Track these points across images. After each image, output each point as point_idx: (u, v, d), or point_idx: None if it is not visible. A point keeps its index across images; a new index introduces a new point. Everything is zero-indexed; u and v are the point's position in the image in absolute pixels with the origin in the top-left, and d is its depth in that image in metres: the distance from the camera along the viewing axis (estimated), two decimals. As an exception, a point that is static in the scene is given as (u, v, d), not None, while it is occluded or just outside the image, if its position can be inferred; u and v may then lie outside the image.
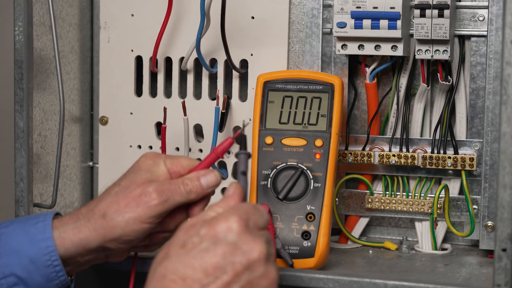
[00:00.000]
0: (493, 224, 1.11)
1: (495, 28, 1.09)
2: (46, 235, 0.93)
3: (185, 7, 1.19)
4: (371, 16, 1.09)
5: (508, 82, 0.88)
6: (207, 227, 0.82)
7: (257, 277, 0.81)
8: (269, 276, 0.82)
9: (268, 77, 1.12)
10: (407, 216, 1.17)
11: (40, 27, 1.15)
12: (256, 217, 0.84)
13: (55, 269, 0.93)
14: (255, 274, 0.81)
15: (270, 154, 1.08)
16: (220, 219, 0.82)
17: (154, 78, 1.23)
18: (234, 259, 0.80)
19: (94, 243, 0.93)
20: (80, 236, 0.93)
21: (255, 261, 0.81)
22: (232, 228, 0.81)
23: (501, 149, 0.89)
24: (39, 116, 1.16)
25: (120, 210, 0.92)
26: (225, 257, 0.80)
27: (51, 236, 0.93)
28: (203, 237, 0.81)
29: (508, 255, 0.89)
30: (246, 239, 0.81)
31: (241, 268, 0.80)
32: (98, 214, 0.93)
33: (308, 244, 1.04)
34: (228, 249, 0.80)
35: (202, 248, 0.80)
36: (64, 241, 0.93)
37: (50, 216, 0.95)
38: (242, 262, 0.80)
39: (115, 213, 0.92)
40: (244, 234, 0.81)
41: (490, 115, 1.11)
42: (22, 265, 0.92)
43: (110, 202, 0.93)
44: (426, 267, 1.09)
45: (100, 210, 0.93)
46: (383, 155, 1.15)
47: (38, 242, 0.93)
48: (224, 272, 0.80)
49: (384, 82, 1.20)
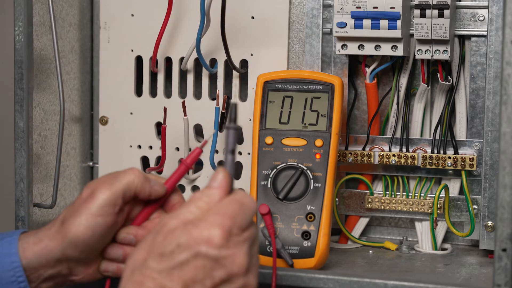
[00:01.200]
0: (493, 224, 1.11)
1: (495, 28, 1.09)
2: (11, 251, 0.91)
3: (185, 7, 1.19)
4: (371, 16, 1.09)
5: (508, 82, 0.88)
6: (187, 235, 0.79)
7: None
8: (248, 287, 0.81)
9: (268, 77, 1.12)
10: (407, 216, 1.17)
11: (40, 27, 1.15)
12: (241, 219, 0.81)
13: (19, 285, 0.91)
14: (234, 286, 0.80)
15: (270, 154, 1.08)
16: (201, 228, 0.79)
17: (154, 78, 1.23)
18: (214, 273, 0.79)
19: (55, 252, 0.91)
20: (41, 245, 0.91)
21: (235, 275, 0.80)
22: (213, 241, 0.79)
23: (501, 149, 0.89)
24: (39, 116, 1.16)
25: (74, 212, 0.90)
26: (205, 271, 0.78)
27: (16, 252, 0.91)
28: (183, 248, 0.79)
29: (508, 255, 0.89)
30: (227, 253, 0.79)
31: (220, 281, 0.79)
32: (58, 222, 0.92)
33: (308, 244, 1.04)
34: (208, 263, 0.78)
35: (181, 260, 0.78)
36: (25, 252, 0.91)
37: (18, 233, 0.93)
38: (221, 276, 0.79)
39: (70, 216, 0.90)
40: (225, 248, 0.79)
41: (490, 115, 1.11)
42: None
43: (67, 210, 0.92)
44: (426, 267, 1.09)
45: (60, 218, 0.92)
46: (383, 155, 1.15)
47: (3, 258, 0.91)
48: (203, 285, 0.78)
49: (384, 82, 1.20)
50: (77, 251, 0.91)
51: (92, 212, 0.89)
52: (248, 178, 1.15)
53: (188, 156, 0.93)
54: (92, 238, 0.90)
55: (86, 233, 0.89)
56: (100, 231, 0.90)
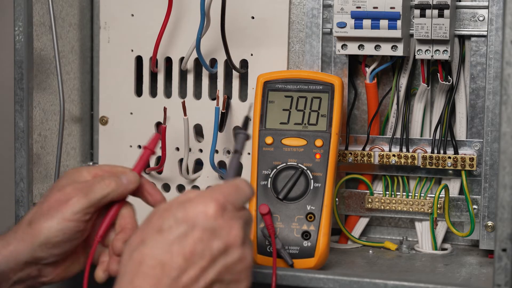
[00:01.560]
0: (493, 224, 1.11)
1: (495, 28, 1.09)
2: None
3: (185, 7, 1.19)
4: (371, 16, 1.09)
5: (508, 82, 0.88)
6: (183, 210, 0.82)
7: (233, 261, 0.82)
8: (244, 260, 0.83)
9: (268, 77, 1.12)
10: (407, 216, 1.17)
11: (40, 27, 1.15)
12: (235, 198, 0.84)
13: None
14: (231, 259, 0.82)
15: (270, 154, 1.08)
16: (196, 202, 0.82)
17: (154, 78, 1.23)
18: (211, 243, 0.81)
19: (24, 254, 0.91)
20: (9, 249, 0.91)
21: (231, 246, 0.82)
22: (208, 213, 0.81)
23: (501, 149, 0.89)
24: (39, 116, 1.16)
25: (43, 214, 0.91)
26: (203, 242, 0.81)
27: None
28: (180, 221, 0.81)
29: (508, 255, 0.89)
30: (223, 224, 0.82)
31: (218, 252, 0.81)
32: (24, 224, 0.92)
33: (308, 244, 1.04)
34: (206, 234, 0.81)
35: (179, 233, 0.80)
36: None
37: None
38: (219, 246, 0.81)
39: (40, 217, 0.91)
40: (221, 219, 0.82)
41: (490, 115, 1.11)
42: None
43: (34, 211, 0.93)
44: (426, 267, 1.09)
45: (26, 220, 0.92)
46: (383, 155, 1.15)
47: None
48: (202, 257, 0.80)
49: (384, 82, 1.20)
50: (47, 252, 0.91)
51: (65, 217, 0.91)
52: (248, 178, 1.15)
53: (148, 142, 0.97)
54: (63, 241, 0.91)
55: (58, 235, 0.91)
56: (70, 235, 0.91)
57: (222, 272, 0.82)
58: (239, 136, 0.92)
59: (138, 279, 0.79)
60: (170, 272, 0.79)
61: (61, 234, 0.91)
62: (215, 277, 0.81)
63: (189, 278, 0.80)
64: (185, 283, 0.79)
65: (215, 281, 0.81)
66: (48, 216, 0.91)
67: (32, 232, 0.91)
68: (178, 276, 0.79)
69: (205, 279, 0.81)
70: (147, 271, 0.79)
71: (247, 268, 0.84)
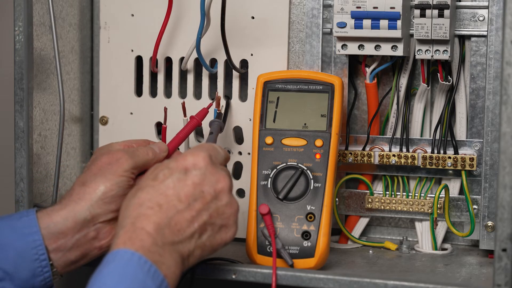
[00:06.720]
0: (493, 224, 1.11)
1: (495, 28, 1.09)
2: (33, 229, 0.94)
3: (185, 7, 1.19)
4: (371, 16, 1.09)
5: (508, 82, 0.88)
6: (175, 161, 0.91)
7: (223, 205, 0.91)
8: (232, 205, 0.92)
9: (268, 77, 1.12)
10: (407, 216, 1.17)
11: (40, 27, 1.15)
12: (217, 154, 0.94)
13: (41, 263, 0.94)
14: (221, 203, 0.91)
15: (270, 154, 1.08)
16: (187, 155, 0.91)
17: (154, 78, 1.23)
18: (203, 188, 0.90)
19: (82, 213, 0.95)
20: (67, 209, 0.95)
21: (221, 191, 0.91)
22: (198, 162, 0.91)
23: (501, 149, 0.89)
24: (39, 116, 1.16)
25: (96, 173, 0.97)
26: (195, 187, 0.90)
27: (38, 230, 0.94)
28: (173, 169, 0.90)
29: (508, 255, 0.89)
30: (212, 171, 0.91)
31: (210, 197, 0.90)
32: (78, 186, 0.97)
33: (308, 244, 1.04)
34: (197, 179, 0.90)
35: (174, 179, 0.90)
36: (51, 217, 0.95)
37: (34, 211, 0.96)
38: (210, 191, 0.90)
39: (93, 177, 0.97)
40: (211, 167, 0.91)
41: (490, 115, 1.11)
42: (10, 259, 0.92)
43: (84, 175, 0.98)
44: (426, 267, 1.09)
45: (78, 182, 0.97)
46: (383, 155, 1.15)
47: (26, 236, 0.94)
48: (195, 200, 0.89)
49: (384, 82, 1.20)
50: (104, 208, 0.96)
51: (117, 173, 0.97)
52: (248, 178, 1.16)
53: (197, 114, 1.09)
54: (118, 194, 0.96)
55: (113, 189, 0.96)
56: (124, 189, 0.96)
57: (214, 215, 0.90)
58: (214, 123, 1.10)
59: (139, 220, 0.86)
60: (168, 212, 0.87)
61: (116, 187, 0.96)
62: (208, 219, 0.90)
63: (185, 220, 0.88)
64: (181, 224, 0.87)
65: (208, 223, 0.90)
66: (101, 174, 0.96)
67: (88, 190, 0.96)
68: (175, 215, 0.87)
69: (199, 221, 0.89)
70: (146, 212, 0.86)
71: (235, 213, 0.92)
